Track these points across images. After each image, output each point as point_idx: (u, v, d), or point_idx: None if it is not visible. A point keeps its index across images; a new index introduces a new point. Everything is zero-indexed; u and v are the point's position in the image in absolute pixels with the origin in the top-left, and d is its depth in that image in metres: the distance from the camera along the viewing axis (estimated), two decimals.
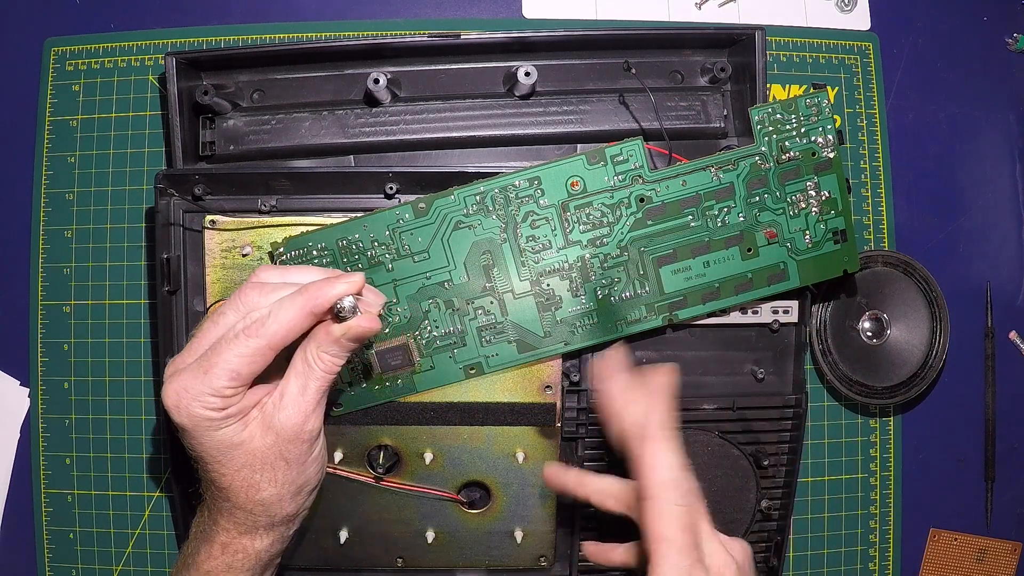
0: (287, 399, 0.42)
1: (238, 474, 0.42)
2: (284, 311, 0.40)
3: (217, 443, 0.41)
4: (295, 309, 0.40)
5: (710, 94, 0.58)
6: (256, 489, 0.42)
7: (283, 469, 0.42)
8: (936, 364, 0.61)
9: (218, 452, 0.41)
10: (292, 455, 0.42)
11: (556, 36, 0.56)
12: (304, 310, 0.40)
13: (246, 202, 0.53)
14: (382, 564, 0.56)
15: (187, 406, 0.40)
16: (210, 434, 0.41)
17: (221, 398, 0.40)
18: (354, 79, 0.57)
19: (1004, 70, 0.67)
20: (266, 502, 0.42)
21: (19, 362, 0.62)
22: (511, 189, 0.50)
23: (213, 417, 0.40)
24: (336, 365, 0.42)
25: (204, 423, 0.40)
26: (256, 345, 0.40)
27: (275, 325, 0.40)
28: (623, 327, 0.52)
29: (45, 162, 0.62)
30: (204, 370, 0.40)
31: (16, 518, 0.62)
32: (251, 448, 0.41)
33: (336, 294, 0.41)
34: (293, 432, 0.42)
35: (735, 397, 0.56)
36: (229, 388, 0.40)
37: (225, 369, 0.39)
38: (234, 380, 0.40)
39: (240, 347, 0.40)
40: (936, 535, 0.66)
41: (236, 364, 0.40)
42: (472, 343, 0.52)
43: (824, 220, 0.52)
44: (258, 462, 0.42)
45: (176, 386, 0.40)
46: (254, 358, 0.40)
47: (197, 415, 0.40)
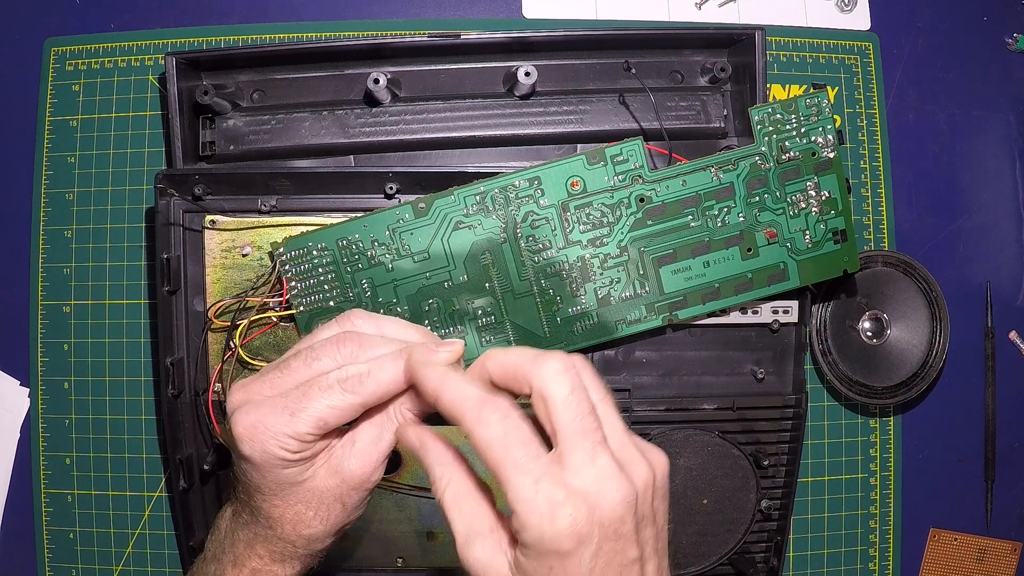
0: (359, 447, 0.40)
1: (291, 508, 0.41)
2: (385, 372, 0.39)
3: (281, 480, 0.40)
4: (397, 371, 0.39)
5: (710, 94, 0.58)
6: (305, 525, 0.41)
7: (338, 512, 0.41)
8: (936, 364, 0.61)
9: (278, 487, 0.40)
10: (350, 500, 0.41)
11: (556, 36, 0.56)
12: (407, 377, 0.39)
13: (246, 202, 0.53)
14: (382, 564, 0.56)
15: (262, 442, 0.38)
16: (276, 471, 0.39)
17: (300, 443, 0.39)
18: (354, 79, 0.57)
19: (1004, 70, 0.67)
20: (310, 537, 0.42)
21: (19, 362, 0.62)
22: (511, 189, 0.50)
23: (288, 458, 0.39)
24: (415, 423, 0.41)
25: (275, 461, 0.39)
26: (351, 401, 0.38)
27: (373, 385, 0.38)
28: (623, 327, 0.52)
29: (45, 162, 0.62)
30: (290, 412, 0.38)
31: (16, 518, 0.62)
32: (312, 487, 0.40)
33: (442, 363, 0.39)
34: (359, 480, 0.41)
35: (735, 397, 0.56)
36: (312, 435, 0.39)
37: (313, 417, 0.38)
38: (319, 429, 0.38)
39: (334, 399, 0.38)
40: (936, 535, 0.65)
41: (326, 414, 0.38)
42: (472, 343, 0.52)
43: (824, 220, 0.52)
44: (315, 501, 0.41)
45: (253, 419, 0.38)
46: (345, 412, 0.39)
47: (271, 453, 0.39)
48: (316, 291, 0.51)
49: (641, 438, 0.36)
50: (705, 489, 0.56)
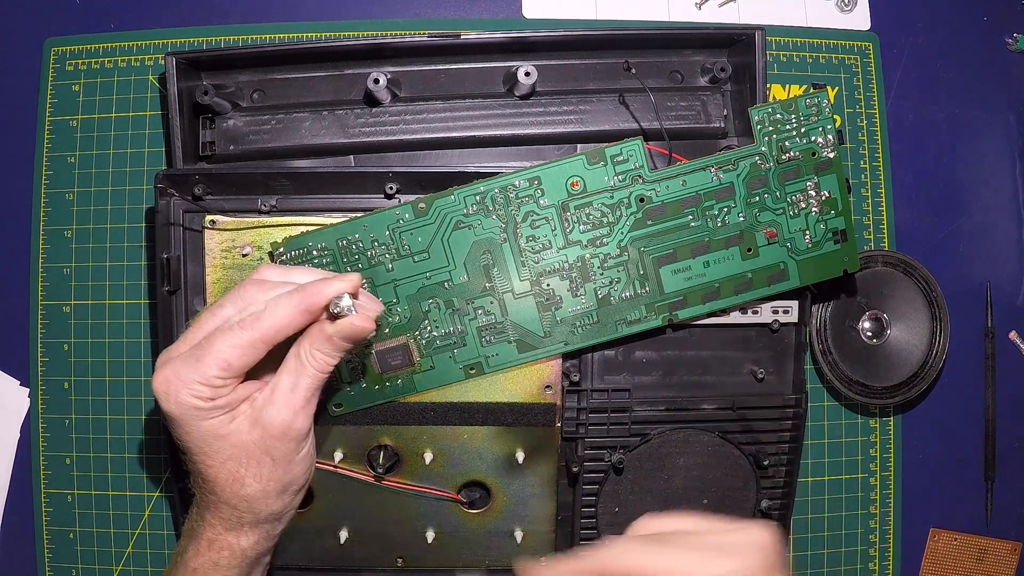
0: (277, 395, 0.42)
1: (223, 466, 0.42)
2: (280, 307, 0.41)
3: (204, 433, 0.41)
4: (291, 305, 0.41)
5: (710, 94, 0.58)
6: (241, 484, 0.42)
7: (268, 465, 0.42)
8: (936, 364, 0.61)
9: (204, 443, 0.41)
10: (278, 452, 0.42)
11: (556, 36, 0.56)
12: (300, 307, 0.41)
13: (246, 202, 0.53)
14: (382, 564, 0.56)
15: (176, 393, 0.40)
16: (196, 423, 0.41)
17: (210, 387, 0.40)
18: (354, 79, 0.57)
19: (1004, 70, 0.67)
20: (250, 498, 0.42)
21: (19, 362, 0.62)
22: (511, 189, 0.50)
23: (201, 406, 0.40)
24: (328, 364, 0.42)
25: (191, 411, 0.40)
26: (249, 337, 0.40)
27: (270, 319, 0.40)
28: (623, 327, 0.52)
29: (45, 162, 0.62)
30: (196, 358, 0.40)
31: (16, 518, 0.62)
32: (237, 441, 0.41)
33: (332, 292, 0.41)
34: (280, 429, 0.42)
35: (735, 397, 0.56)
36: (219, 378, 0.40)
37: (217, 359, 0.40)
38: (225, 370, 0.40)
39: (234, 338, 0.40)
40: (936, 535, 0.66)
41: (228, 355, 0.40)
42: (472, 343, 0.52)
43: (824, 220, 0.52)
44: (243, 456, 0.42)
45: (167, 372, 0.40)
46: (247, 350, 0.40)
47: (185, 403, 0.40)
48: None
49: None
50: (705, 489, 0.56)
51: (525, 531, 0.56)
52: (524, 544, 0.56)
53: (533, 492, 0.55)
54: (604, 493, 0.55)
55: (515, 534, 0.56)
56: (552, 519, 0.56)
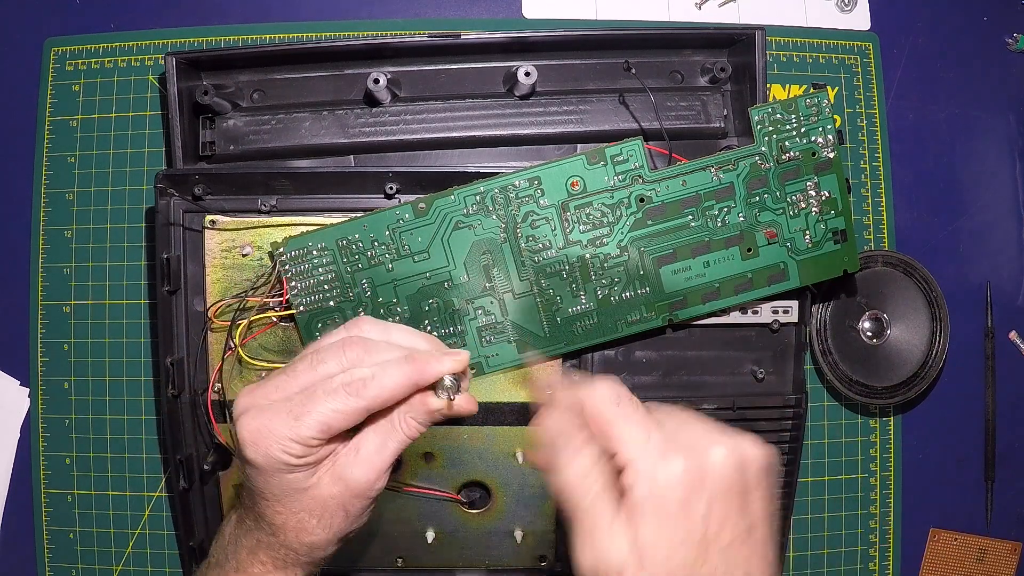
0: (363, 455, 0.40)
1: (294, 516, 0.41)
2: (389, 377, 0.39)
3: (284, 485, 0.40)
4: (402, 378, 0.39)
5: (710, 94, 0.58)
6: (308, 532, 0.41)
7: (341, 519, 0.41)
8: (936, 364, 0.61)
9: (282, 493, 0.40)
10: (353, 508, 0.41)
11: (556, 36, 0.56)
12: (410, 380, 0.39)
13: (246, 202, 0.53)
14: (382, 564, 0.56)
15: (266, 446, 0.39)
16: (280, 476, 0.39)
17: (305, 447, 0.39)
18: (354, 79, 0.57)
19: (1004, 70, 0.67)
20: (313, 545, 0.42)
21: (19, 362, 0.62)
22: (511, 189, 0.50)
23: (291, 463, 0.39)
24: (418, 432, 0.41)
25: (278, 465, 0.39)
26: (356, 405, 0.38)
27: (377, 390, 0.39)
28: (623, 327, 0.52)
29: (45, 162, 0.62)
30: (295, 416, 0.38)
31: (16, 518, 0.62)
32: (315, 495, 0.40)
33: (444, 371, 0.40)
34: (362, 489, 0.41)
35: (735, 397, 0.56)
36: (316, 439, 0.39)
37: (318, 421, 0.38)
38: (323, 433, 0.39)
39: (338, 403, 0.38)
40: (936, 535, 0.65)
41: (330, 418, 0.38)
42: (472, 343, 0.52)
43: (824, 220, 0.52)
44: (318, 508, 0.41)
45: (258, 423, 0.39)
46: (349, 416, 0.39)
47: (275, 458, 0.39)
48: (316, 291, 0.51)
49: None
50: None
51: (525, 531, 0.56)
52: (524, 544, 0.56)
53: (533, 492, 0.55)
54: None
55: (515, 534, 0.56)
56: (552, 519, 0.56)
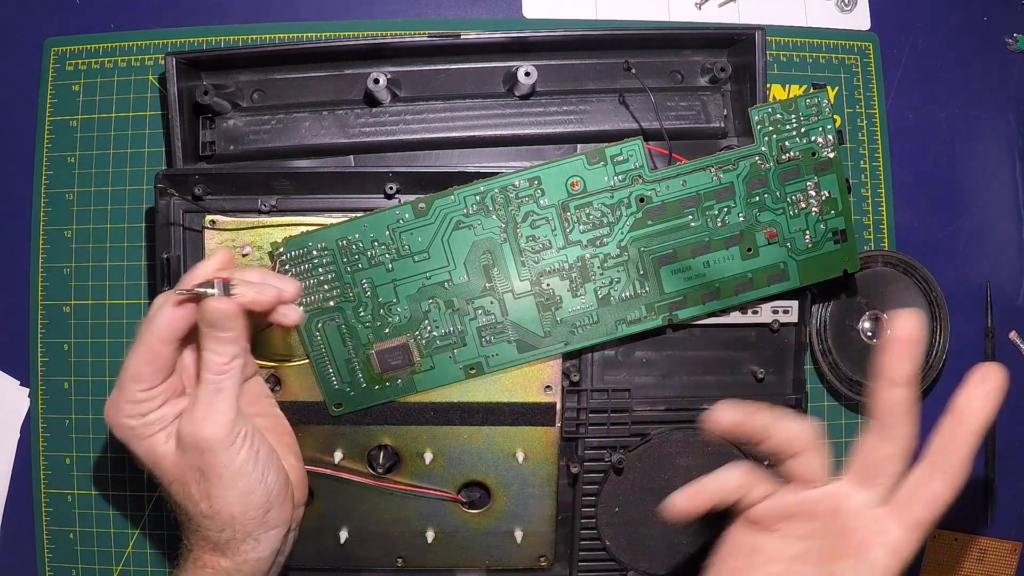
0: (189, 410, 0.42)
1: (172, 487, 0.43)
2: (161, 304, 0.42)
3: (145, 453, 0.42)
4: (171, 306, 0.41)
5: (710, 94, 0.58)
6: (194, 502, 0.42)
7: (203, 481, 0.42)
8: (936, 364, 0.61)
9: (150, 463, 0.43)
10: (203, 466, 0.41)
11: (556, 36, 0.56)
12: (174, 299, 0.41)
13: (246, 202, 0.53)
14: (382, 564, 0.56)
15: (114, 418, 0.42)
16: (138, 443, 0.42)
17: (135, 403, 0.41)
18: (354, 79, 0.57)
19: (1004, 70, 0.67)
20: (207, 515, 0.42)
21: (19, 362, 0.62)
22: (511, 189, 0.50)
23: (134, 425, 0.42)
24: (218, 364, 0.41)
25: (129, 433, 0.42)
26: (146, 342, 0.41)
27: (157, 318, 0.41)
28: (623, 327, 0.52)
29: (45, 162, 0.62)
30: (119, 385, 0.42)
31: (16, 518, 0.62)
32: (172, 460, 0.42)
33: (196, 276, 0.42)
34: (189, 441, 0.41)
35: (735, 397, 0.55)
36: (139, 391, 0.41)
37: (129, 375, 0.41)
38: (139, 382, 0.41)
39: (135, 352, 0.41)
40: (936, 535, 0.65)
41: (135, 366, 0.41)
42: (472, 343, 0.52)
43: (824, 220, 0.52)
44: (182, 475, 0.42)
45: (106, 404, 0.42)
46: (147, 356, 0.41)
47: (122, 424, 0.42)
48: (316, 291, 0.51)
49: None
50: None
51: (525, 531, 0.56)
52: (524, 544, 0.56)
53: (533, 492, 0.55)
54: (604, 493, 0.55)
55: (515, 534, 0.56)
56: (552, 519, 0.56)
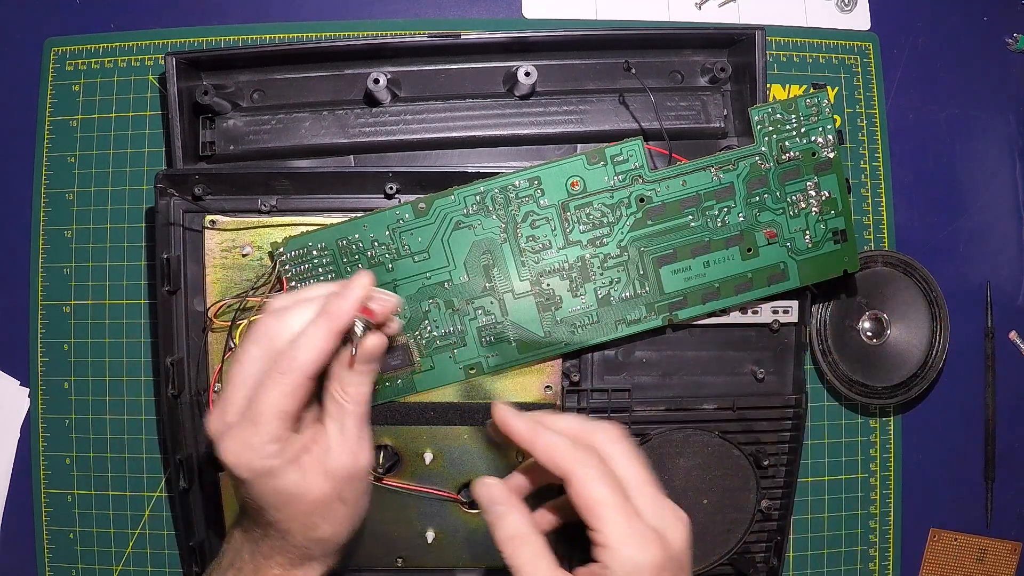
0: (332, 443, 0.41)
1: (297, 520, 0.41)
2: (310, 338, 0.39)
3: (279, 493, 0.40)
4: (321, 332, 0.39)
5: (710, 94, 0.58)
6: (315, 529, 0.41)
7: (341, 510, 0.42)
8: (936, 364, 0.61)
9: (280, 502, 0.40)
10: (349, 495, 0.42)
11: (556, 36, 0.56)
12: (331, 332, 0.40)
13: (246, 202, 0.53)
14: (382, 564, 0.56)
15: (247, 461, 0.39)
16: (272, 484, 0.40)
17: (278, 443, 0.39)
18: (354, 79, 0.57)
19: (1004, 70, 0.67)
20: (324, 539, 0.42)
21: (19, 362, 0.62)
22: (511, 189, 0.50)
23: (274, 465, 0.39)
24: (362, 394, 0.42)
25: (266, 474, 0.39)
26: (293, 380, 0.39)
27: (305, 354, 0.39)
28: (623, 327, 0.52)
29: (45, 162, 0.62)
30: (252, 420, 0.39)
31: (16, 518, 0.62)
32: (312, 496, 0.41)
33: (354, 300, 0.40)
34: (348, 473, 0.41)
35: (735, 397, 0.56)
36: (281, 429, 0.39)
37: (273, 413, 0.39)
38: (284, 421, 0.39)
39: (280, 386, 0.39)
40: (936, 535, 0.66)
41: (282, 404, 0.39)
42: (472, 343, 0.52)
43: (824, 220, 0.52)
44: (318, 507, 0.41)
45: (235, 445, 0.39)
46: (296, 393, 0.39)
47: (259, 467, 0.39)
48: None
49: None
50: (705, 489, 0.56)
51: None
52: None
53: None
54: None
55: None
56: None
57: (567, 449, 0.39)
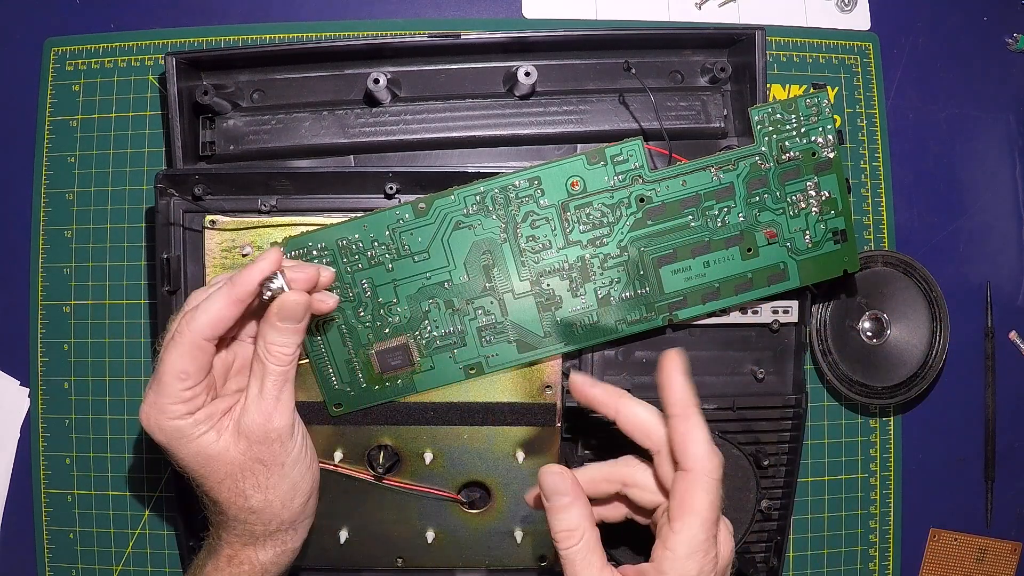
0: (248, 401, 0.42)
1: (222, 485, 0.42)
2: (211, 301, 0.41)
3: (196, 454, 0.41)
4: (220, 297, 0.41)
5: (710, 94, 0.58)
6: (244, 497, 0.42)
7: (263, 473, 0.42)
8: (936, 364, 0.61)
9: (199, 465, 0.42)
10: (267, 457, 0.42)
11: (556, 36, 0.56)
12: (229, 297, 0.41)
13: (246, 202, 0.53)
14: (382, 564, 0.56)
15: (156, 422, 0.41)
16: (186, 445, 0.41)
17: (182, 403, 0.40)
18: (354, 79, 0.57)
19: (1004, 70, 0.67)
20: (256, 509, 0.42)
21: (19, 362, 0.62)
22: (511, 189, 0.50)
23: (182, 425, 0.41)
24: (285, 355, 0.42)
25: (176, 434, 0.41)
26: (190, 339, 0.40)
27: (203, 316, 0.40)
28: (623, 327, 0.52)
29: (45, 162, 0.62)
30: (157, 382, 0.41)
31: (16, 518, 0.62)
32: (228, 458, 0.42)
33: (257, 273, 0.41)
34: (260, 433, 0.42)
35: (735, 397, 0.55)
36: (184, 389, 0.40)
37: (172, 373, 0.40)
38: (184, 380, 0.40)
39: (177, 347, 0.40)
40: (936, 535, 0.66)
41: (179, 364, 0.40)
42: (472, 343, 0.52)
43: (824, 220, 0.52)
44: (238, 470, 0.42)
45: (144, 407, 0.41)
46: (193, 353, 0.40)
47: (168, 427, 0.41)
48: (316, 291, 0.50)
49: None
50: None
51: (525, 531, 0.56)
52: (524, 544, 0.56)
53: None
54: None
55: (515, 534, 0.56)
56: None
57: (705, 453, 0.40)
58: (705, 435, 0.40)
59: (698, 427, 0.40)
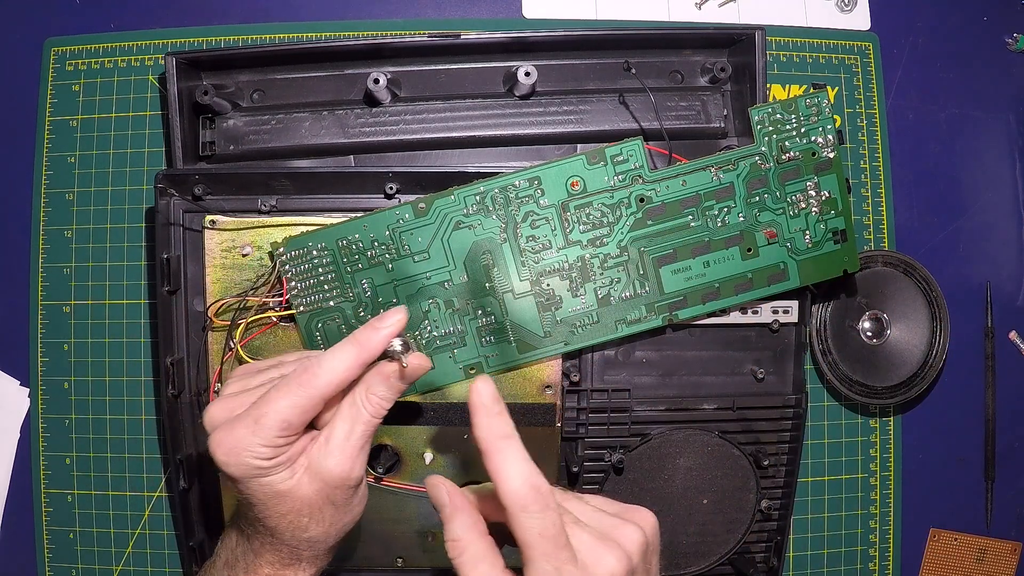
0: (333, 445, 0.41)
1: (285, 518, 0.41)
2: (335, 360, 0.40)
3: (266, 491, 0.40)
4: (348, 358, 0.40)
5: (710, 94, 0.58)
6: (303, 530, 0.42)
7: (330, 512, 0.42)
8: (936, 364, 0.61)
9: (266, 498, 0.41)
10: (339, 499, 0.42)
11: (556, 36, 0.56)
12: (358, 360, 0.40)
13: (246, 202, 0.53)
14: (382, 564, 0.56)
15: (237, 457, 0.39)
16: (258, 482, 0.40)
17: (272, 448, 0.39)
18: (354, 79, 0.57)
19: (1004, 70, 0.67)
20: (312, 540, 0.42)
21: (19, 362, 0.62)
22: (511, 189, 0.50)
23: (263, 466, 0.40)
24: (383, 408, 0.42)
25: (253, 472, 0.40)
26: (308, 395, 0.39)
27: (327, 375, 0.39)
28: (623, 327, 0.52)
29: (45, 162, 0.62)
30: (255, 420, 0.39)
31: (16, 518, 0.62)
32: (299, 495, 0.41)
33: (386, 335, 0.41)
34: (340, 479, 0.41)
35: (735, 397, 0.56)
36: (280, 438, 0.39)
37: (276, 420, 0.39)
38: (285, 431, 0.39)
39: (292, 397, 0.39)
40: (936, 535, 0.66)
41: (288, 415, 0.39)
42: (472, 343, 0.52)
43: (824, 220, 0.52)
44: (306, 508, 0.41)
45: (228, 440, 0.39)
46: (305, 408, 0.39)
47: (248, 465, 0.39)
48: (316, 291, 0.51)
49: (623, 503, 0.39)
50: (705, 489, 0.56)
51: None
52: None
53: None
54: (604, 493, 0.55)
55: None
56: None
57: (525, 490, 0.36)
58: (518, 468, 0.36)
59: (508, 461, 0.36)
